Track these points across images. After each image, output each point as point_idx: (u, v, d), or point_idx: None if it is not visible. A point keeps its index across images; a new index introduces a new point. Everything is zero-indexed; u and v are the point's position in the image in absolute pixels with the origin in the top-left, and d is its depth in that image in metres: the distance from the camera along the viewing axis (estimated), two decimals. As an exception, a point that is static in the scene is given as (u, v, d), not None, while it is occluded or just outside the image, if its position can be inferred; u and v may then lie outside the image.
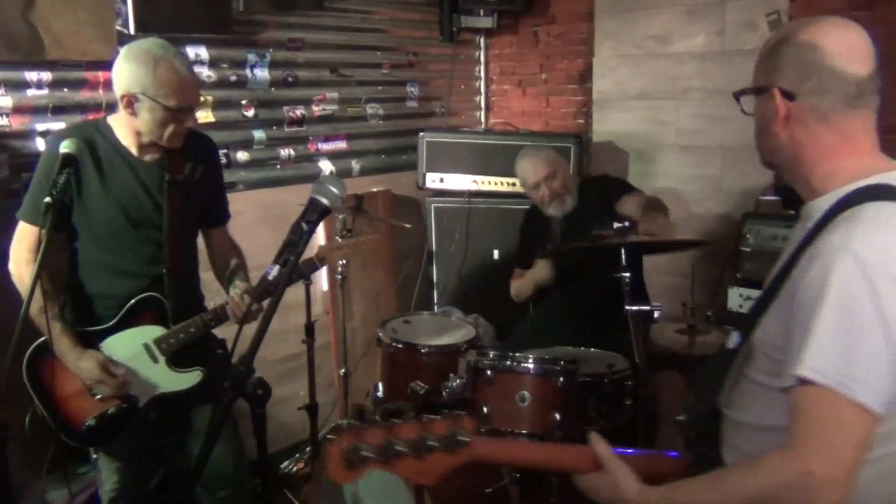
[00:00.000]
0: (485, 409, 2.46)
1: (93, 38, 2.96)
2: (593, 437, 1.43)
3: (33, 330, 2.17)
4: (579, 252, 3.16)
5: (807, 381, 1.19)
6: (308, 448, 3.47)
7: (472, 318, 3.65)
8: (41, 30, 2.82)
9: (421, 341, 2.99)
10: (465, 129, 4.70)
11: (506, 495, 2.64)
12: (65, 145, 2.09)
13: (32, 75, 2.94)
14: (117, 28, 3.04)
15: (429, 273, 4.33)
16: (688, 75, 4.03)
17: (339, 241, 2.64)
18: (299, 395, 3.40)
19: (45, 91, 2.99)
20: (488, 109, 5.02)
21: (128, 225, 2.24)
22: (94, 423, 2.24)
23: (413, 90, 4.57)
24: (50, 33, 2.85)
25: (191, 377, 2.33)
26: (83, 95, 3.10)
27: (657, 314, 2.63)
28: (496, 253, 4.14)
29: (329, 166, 4.11)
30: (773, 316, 1.33)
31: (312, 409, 3.22)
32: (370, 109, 4.33)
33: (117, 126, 2.24)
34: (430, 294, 4.34)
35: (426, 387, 2.74)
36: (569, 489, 2.60)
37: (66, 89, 3.05)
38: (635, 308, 2.59)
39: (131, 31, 3.06)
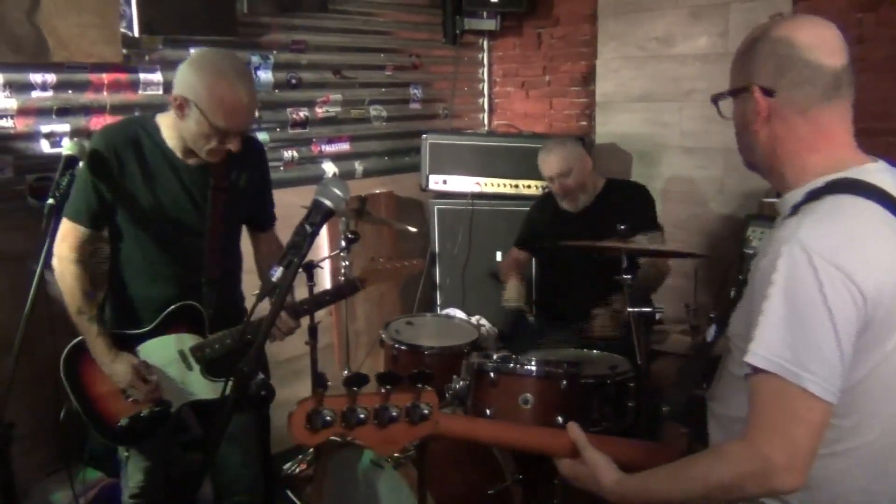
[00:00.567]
0: (488, 412, 2.46)
1: (97, 41, 2.97)
2: (570, 426, 1.44)
3: (38, 330, 2.17)
4: (582, 252, 3.16)
5: (758, 369, 1.21)
6: (311, 449, 3.47)
7: (474, 319, 3.65)
8: (46, 32, 2.84)
9: (424, 343, 3.00)
10: (468, 131, 4.71)
11: (508, 497, 2.63)
12: (68, 147, 2.09)
13: (37, 77, 2.95)
14: (122, 30, 3.05)
15: (432, 275, 4.34)
16: (691, 77, 4.03)
17: (383, 263, 2.57)
18: (302, 397, 3.40)
19: (50, 93, 3.00)
20: (491, 111, 5.02)
21: (169, 229, 2.22)
22: (127, 424, 2.24)
23: (416, 92, 4.58)
24: (55, 35, 2.86)
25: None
26: (88, 97, 3.11)
27: (659, 316, 2.63)
28: (499, 255, 4.14)
29: (332, 168, 4.11)
30: (740, 308, 1.37)
31: (315, 411, 3.21)
32: (373, 111, 4.34)
33: (165, 126, 2.19)
34: (433, 296, 4.35)
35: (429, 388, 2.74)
36: (573, 491, 2.60)
37: (70, 91, 3.06)
38: (637, 310, 2.59)
39: (136, 34, 3.08)
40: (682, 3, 4.01)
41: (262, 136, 3.76)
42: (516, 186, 4.11)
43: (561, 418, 2.43)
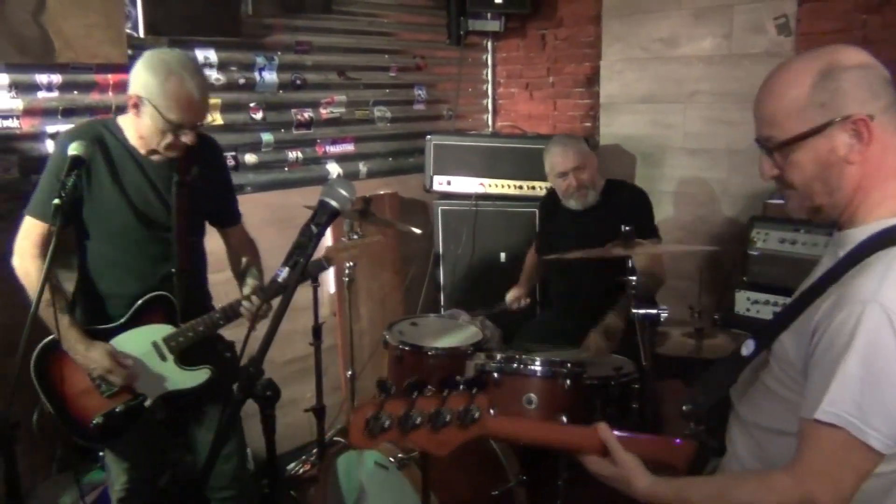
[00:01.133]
0: (491, 412, 2.46)
1: (103, 41, 2.98)
2: (601, 427, 1.45)
3: (41, 329, 2.18)
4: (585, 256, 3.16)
5: (822, 422, 1.24)
6: (315, 450, 3.47)
7: (478, 320, 3.64)
8: (52, 33, 2.84)
9: (428, 343, 2.99)
10: (472, 132, 4.71)
11: (512, 498, 2.63)
12: (73, 147, 2.11)
13: (43, 78, 2.96)
14: (127, 31, 3.06)
15: (435, 275, 4.34)
16: (695, 78, 4.03)
17: (346, 242, 2.64)
18: (306, 397, 3.41)
19: (56, 93, 3.01)
20: (495, 112, 5.03)
21: (137, 224, 2.26)
22: (103, 421, 2.25)
23: (420, 93, 4.58)
24: (60, 36, 2.87)
25: (199, 375, 2.35)
26: (93, 98, 3.11)
27: (664, 317, 2.63)
28: (503, 255, 4.15)
29: (337, 169, 4.12)
30: (792, 336, 1.37)
31: (319, 411, 3.23)
32: (378, 112, 4.34)
33: (126, 126, 2.26)
34: (437, 296, 4.35)
35: (433, 389, 2.74)
36: (575, 492, 2.60)
37: (76, 92, 3.07)
38: (642, 311, 2.59)
39: (141, 35, 3.08)
40: (686, 5, 4.01)
41: (267, 137, 3.77)
42: (520, 187, 4.12)
43: (565, 419, 2.42)
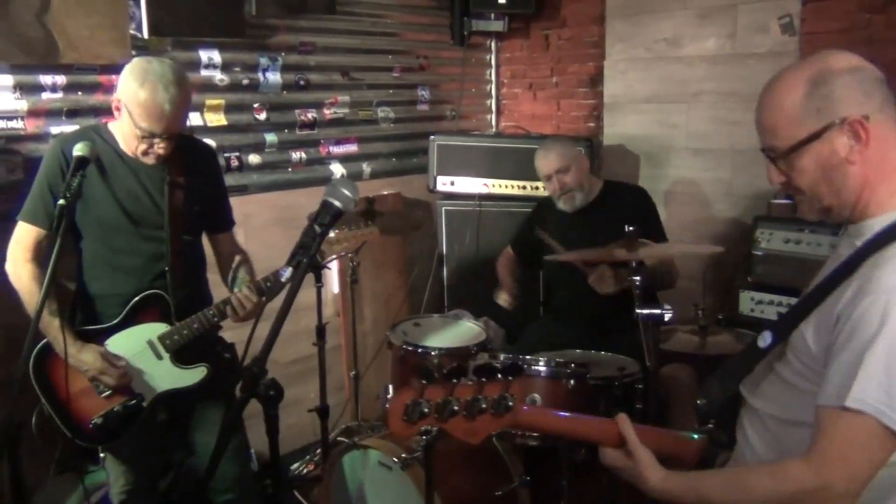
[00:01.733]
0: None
1: (107, 42, 2.98)
2: (620, 418, 1.46)
3: (38, 331, 2.19)
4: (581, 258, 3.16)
5: (850, 409, 1.24)
6: (318, 450, 3.48)
7: (482, 320, 3.64)
8: (56, 33, 2.85)
9: (431, 344, 3.00)
10: (475, 133, 4.71)
11: (515, 498, 2.63)
12: (78, 148, 2.12)
13: (47, 79, 2.97)
14: (131, 32, 3.07)
15: (439, 276, 4.34)
16: (699, 78, 4.02)
17: (339, 234, 2.54)
18: (310, 398, 3.41)
19: (60, 94, 3.01)
20: (499, 113, 5.03)
21: (129, 223, 2.29)
22: (101, 422, 2.26)
23: (424, 93, 4.58)
24: (65, 37, 2.87)
25: (195, 374, 2.35)
26: (97, 99, 3.12)
27: (668, 317, 2.62)
28: (506, 256, 4.14)
29: (340, 169, 4.12)
30: (812, 327, 1.37)
31: (323, 412, 3.23)
32: (381, 113, 4.34)
33: (116, 130, 2.30)
34: (441, 297, 4.35)
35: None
36: (579, 492, 2.60)
37: (80, 93, 3.07)
38: (645, 311, 2.59)
39: (145, 35, 3.09)
40: (690, 5, 4.01)
41: (270, 138, 3.77)
42: (524, 188, 4.11)
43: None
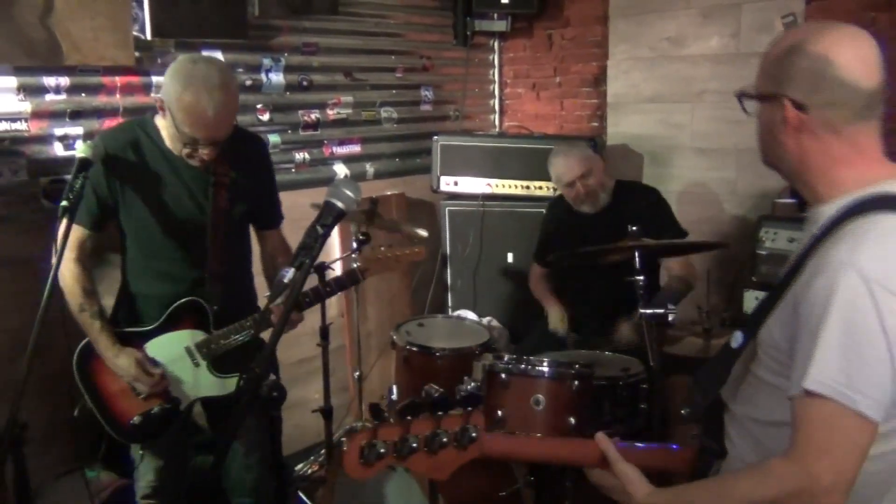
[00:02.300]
0: (499, 413, 2.45)
1: (110, 44, 2.98)
2: (599, 437, 1.45)
3: (49, 332, 2.18)
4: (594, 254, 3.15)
5: (812, 392, 1.21)
6: (322, 451, 3.47)
7: (486, 321, 3.65)
8: (59, 35, 2.85)
9: (435, 344, 2.99)
10: (479, 133, 4.70)
11: (519, 499, 2.63)
12: (81, 150, 2.11)
13: (51, 80, 2.97)
14: (134, 33, 3.07)
15: (443, 276, 4.34)
16: (703, 78, 4.01)
17: (384, 252, 2.52)
18: (314, 398, 3.41)
19: (64, 96, 3.02)
20: (502, 113, 5.02)
21: (171, 227, 2.26)
22: (140, 422, 2.27)
23: (427, 94, 4.58)
24: (68, 39, 2.87)
25: (230, 383, 2.32)
26: (101, 100, 3.12)
27: (672, 318, 2.62)
28: (510, 256, 4.14)
29: (343, 170, 4.12)
30: (777, 319, 1.35)
31: (327, 412, 3.22)
32: (384, 113, 4.34)
33: (162, 127, 2.23)
34: (445, 297, 4.35)
35: (440, 390, 2.74)
36: (583, 493, 2.59)
37: (83, 94, 3.07)
38: (650, 311, 2.58)
39: (148, 37, 3.09)
40: (694, 4, 4.00)
41: (274, 138, 3.77)
42: (527, 188, 4.11)
43: (573, 419, 2.42)
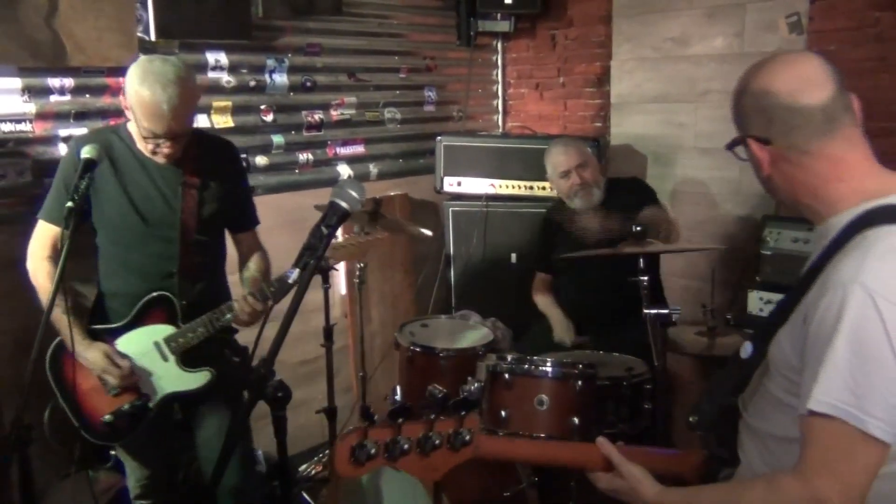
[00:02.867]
0: (503, 413, 2.45)
1: (114, 45, 2.99)
2: (600, 441, 1.44)
3: (53, 330, 2.21)
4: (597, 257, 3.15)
5: (818, 413, 1.21)
6: (326, 451, 3.48)
7: (489, 321, 3.64)
8: (64, 36, 2.86)
9: (439, 345, 3.00)
10: (482, 133, 4.70)
11: (524, 499, 2.63)
12: (86, 151, 2.13)
13: (55, 81, 2.98)
14: (138, 34, 3.07)
15: (446, 276, 4.34)
16: (706, 77, 4.01)
17: (349, 238, 2.52)
18: (317, 399, 3.41)
19: (68, 97, 3.02)
20: (505, 113, 5.02)
21: (140, 223, 2.31)
22: (112, 419, 2.29)
23: (430, 94, 4.58)
24: (72, 40, 2.88)
25: (199, 377, 2.36)
26: (105, 101, 3.13)
27: (675, 317, 2.62)
28: (514, 256, 4.14)
29: (347, 170, 4.12)
30: (787, 334, 1.35)
31: (331, 413, 3.23)
32: (388, 114, 4.34)
33: (134, 130, 2.30)
34: (448, 297, 4.35)
35: (444, 390, 2.74)
36: (587, 493, 2.59)
37: (87, 95, 3.08)
38: (653, 311, 2.58)
39: (152, 38, 3.10)
40: (698, 4, 3.99)
41: (277, 139, 3.78)
42: (531, 188, 4.11)
43: (577, 420, 2.42)
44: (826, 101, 1.35)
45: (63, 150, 3.01)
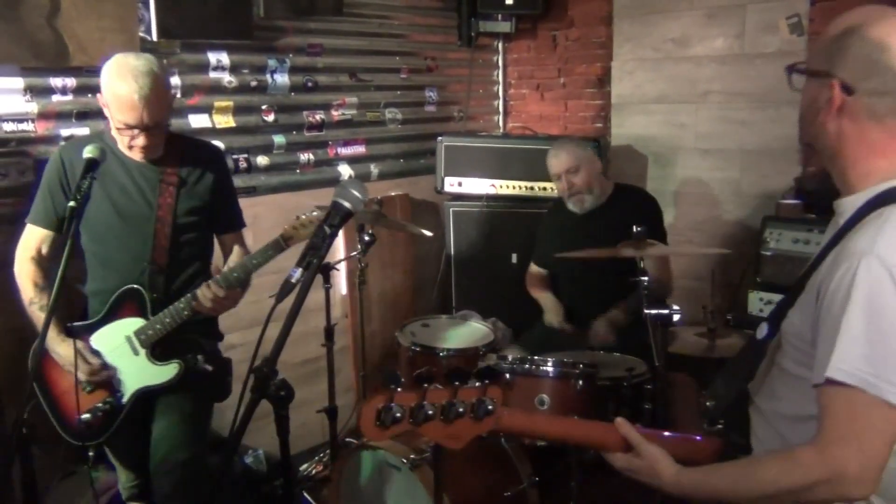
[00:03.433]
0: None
1: (116, 45, 2.98)
2: (619, 422, 1.44)
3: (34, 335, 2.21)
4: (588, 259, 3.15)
5: (836, 381, 1.20)
6: (327, 451, 3.48)
7: (490, 321, 3.65)
8: (66, 36, 2.87)
9: (439, 345, 3.01)
10: (483, 134, 4.71)
11: (525, 499, 2.63)
12: (88, 150, 2.13)
13: (57, 81, 2.98)
14: (140, 35, 3.08)
15: (447, 276, 4.34)
16: (707, 78, 4.02)
17: (307, 219, 2.42)
18: (318, 398, 3.42)
19: (70, 97, 3.03)
20: (506, 113, 5.03)
21: (118, 219, 2.34)
22: (89, 418, 2.28)
23: (431, 95, 4.59)
24: (75, 40, 2.89)
25: (168, 370, 2.35)
26: (107, 101, 3.13)
27: (676, 318, 2.62)
28: (514, 256, 4.14)
29: (348, 171, 4.13)
30: (799, 308, 1.35)
31: (332, 412, 3.24)
32: (389, 114, 4.35)
33: (115, 134, 2.33)
34: (449, 297, 4.35)
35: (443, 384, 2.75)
36: (588, 493, 2.60)
37: (89, 95, 3.08)
38: (654, 312, 2.59)
39: (154, 38, 3.10)
40: (698, 5, 4.00)
41: (279, 139, 3.78)
42: (531, 188, 4.12)
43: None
44: None
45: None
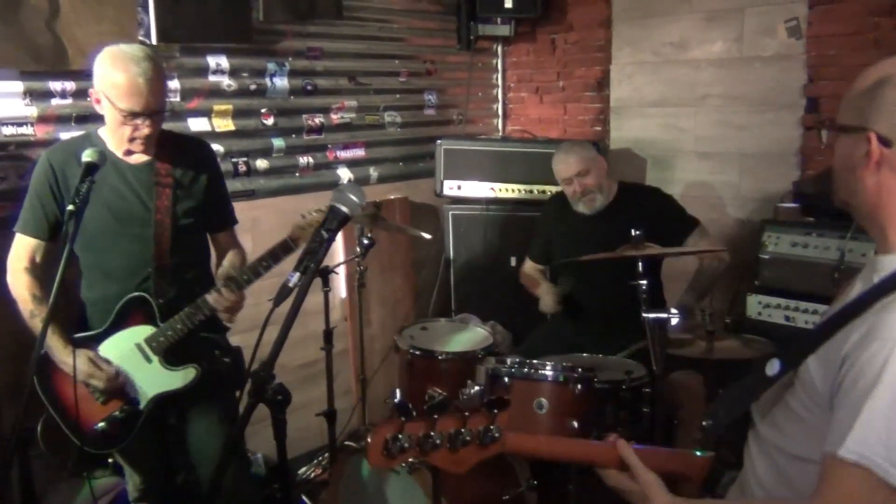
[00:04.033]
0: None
1: (116, 49, 3.00)
2: (620, 444, 1.44)
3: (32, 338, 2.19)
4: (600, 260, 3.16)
5: (849, 461, 1.20)
6: (326, 454, 3.48)
7: (489, 325, 3.65)
8: (66, 40, 2.87)
9: (438, 348, 3.00)
10: (482, 137, 4.71)
11: (522, 502, 2.63)
12: (87, 154, 2.12)
13: (57, 85, 2.99)
14: (140, 38, 3.08)
15: (446, 280, 4.34)
16: (706, 82, 4.02)
17: (314, 218, 2.40)
18: (317, 402, 3.42)
19: (69, 100, 3.03)
20: (505, 117, 5.03)
21: (114, 224, 2.29)
22: (105, 427, 2.28)
23: (431, 98, 4.59)
24: (74, 43, 2.89)
25: (185, 374, 2.34)
26: (106, 104, 3.14)
27: (674, 321, 2.62)
28: (513, 260, 4.14)
29: (347, 174, 4.13)
30: (820, 362, 1.32)
31: (330, 416, 3.24)
32: (388, 117, 4.35)
33: (105, 134, 2.32)
34: (448, 301, 4.35)
35: (444, 393, 2.75)
36: (586, 497, 2.60)
37: (89, 99, 3.07)
38: (652, 315, 2.59)
39: (153, 42, 3.11)
40: (697, 8, 4.01)
41: (278, 143, 3.79)
42: (531, 192, 4.12)
43: (576, 423, 2.42)
44: None
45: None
